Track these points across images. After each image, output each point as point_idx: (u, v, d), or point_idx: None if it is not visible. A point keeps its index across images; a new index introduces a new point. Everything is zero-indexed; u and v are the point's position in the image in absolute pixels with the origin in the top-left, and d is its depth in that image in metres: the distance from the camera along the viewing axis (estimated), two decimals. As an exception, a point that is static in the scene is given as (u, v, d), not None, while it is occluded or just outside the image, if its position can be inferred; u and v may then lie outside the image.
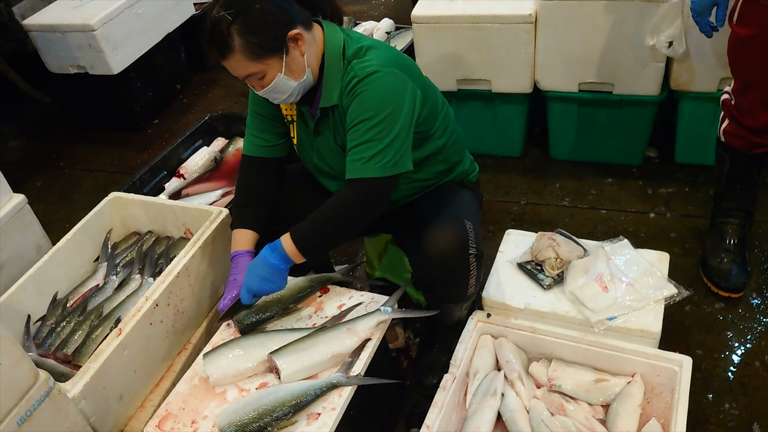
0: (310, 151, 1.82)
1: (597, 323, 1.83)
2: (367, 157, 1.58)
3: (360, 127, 1.59)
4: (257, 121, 1.85)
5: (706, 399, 1.90)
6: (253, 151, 1.88)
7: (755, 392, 1.91)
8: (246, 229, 1.85)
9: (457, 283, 1.73)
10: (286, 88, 1.63)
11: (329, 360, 1.62)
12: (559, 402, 1.78)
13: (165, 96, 3.83)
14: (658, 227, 2.49)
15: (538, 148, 2.99)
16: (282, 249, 1.66)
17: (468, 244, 1.69)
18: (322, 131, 1.75)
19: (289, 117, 1.81)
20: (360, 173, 1.59)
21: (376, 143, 1.57)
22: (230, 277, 1.79)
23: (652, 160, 2.82)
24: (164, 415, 1.59)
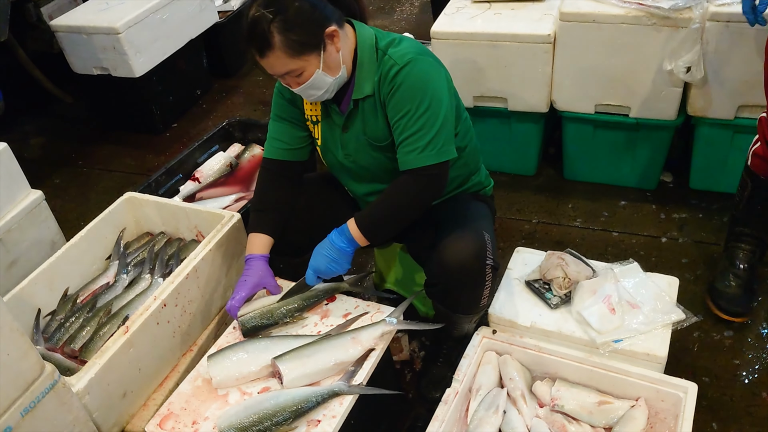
0: (336, 149, 1.84)
1: (603, 345, 1.82)
2: (422, 147, 1.63)
3: (409, 116, 1.63)
4: (279, 126, 1.88)
5: (711, 427, 1.88)
6: (274, 154, 1.90)
7: (762, 423, 1.88)
8: (262, 234, 1.86)
9: (471, 292, 1.74)
10: (322, 84, 1.66)
11: (332, 368, 1.62)
12: (561, 422, 1.77)
13: (185, 101, 3.88)
14: (669, 252, 2.48)
15: (553, 168, 2.99)
16: (349, 233, 1.71)
17: (486, 255, 1.70)
18: (351, 126, 1.78)
19: (313, 117, 1.83)
20: (418, 163, 1.64)
21: (426, 131, 1.62)
22: (241, 278, 1.80)
23: (667, 184, 2.81)
24: (166, 414, 1.60)
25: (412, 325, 1.75)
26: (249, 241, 1.88)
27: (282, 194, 1.92)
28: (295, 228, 1.95)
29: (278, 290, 1.86)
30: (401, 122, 1.65)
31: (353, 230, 1.71)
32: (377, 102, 1.72)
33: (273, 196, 1.91)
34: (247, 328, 1.74)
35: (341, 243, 1.71)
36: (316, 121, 1.85)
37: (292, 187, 1.94)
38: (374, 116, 1.74)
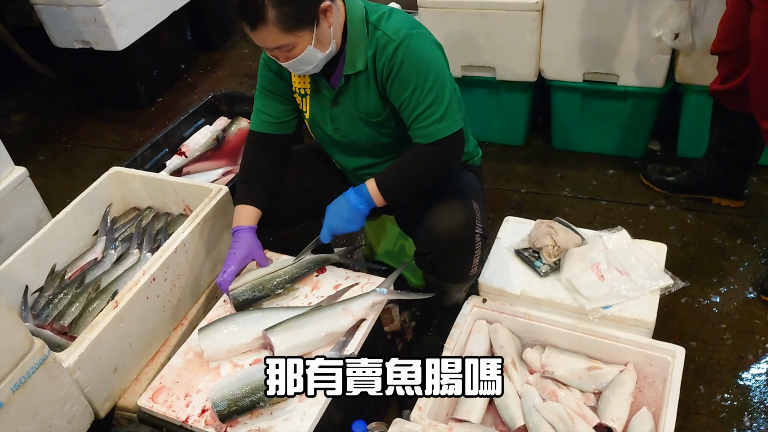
0: (325, 124, 1.82)
1: (592, 311, 1.83)
2: (439, 118, 1.62)
3: (417, 94, 1.61)
4: (265, 98, 1.85)
5: (698, 390, 1.91)
6: (260, 127, 1.88)
7: (746, 384, 1.91)
8: (249, 206, 1.85)
9: (460, 262, 1.75)
10: (313, 59, 1.64)
11: (323, 338, 1.63)
12: (551, 388, 1.79)
13: (169, 74, 3.83)
14: (657, 219, 2.49)
15: (541, 137, 2.98)
16: (367, 193, 1.70)
17: (475, 224, 1.71)
18: (342, 101, 1.76)
19: (301, 90, 1.81)
20: (441, 134, 1.63)
21: (439, 103, 1.62)
22: (230, 251, 1.79)
23: (655, 153, 2.81)
24: (158, 387, 1.60)
25: (402, 295, 1.75)
26: (236, 212, 1.86)
27: (269, 166, 1.90)
28: (282, 201, 1.94)
29: (267, 262, 1.86)
30: (411, 99, 1.63)
31: (372, 190, 1.70)
32: (371, 78, 1.69)
33: (260, 168, 1.90)
34: (239, 302, 1.73)
35: (359, 204, 1.71)
36: (304, 94, 1.82)
37: (278, 159, 1.92)
38: (367, 92, 1.72)
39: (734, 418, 1.83)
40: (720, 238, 2.38)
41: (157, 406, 1.56)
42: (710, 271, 2.26)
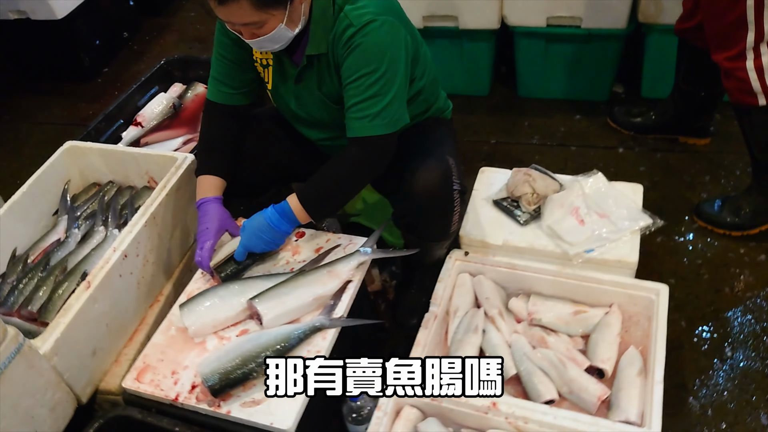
0: (288, 97, 1.74)
1: (575, 256, 1.83)
2: (372, 114, 1.52)
3: (362, 81, 1.52)
4: (223, 66, 1.75)
5: (680, 326, 1.94)
6: (218, 97, 1.79)
7: (725, 316, 1.96)
8: (212, 176, 1.77)
9: (440, 220, 1.71)
10: (282, 38, 1.54)
11: (311, 303, 1.58)
12: (540, 335, 1.79)
13: (113, 43, 3.64)
14: (627, 162, 2.51)
15: (506, 86, 2.95)
16: (291, 213, 1.62)
17: (452, 180, 1.67)
18: (305, 80, 1.67)
19: (263, 60, 1.71)
20: (367, 131, 1.54)
21: (379, 98, 1.52)
22: (200, 227, 1.72)
23: (619, 95, 2.82)
24: (142, 367, 1.54)
25: (386, 253, 1.72)
26: (199, 184, 1.78)
27: (229, 135, 1.82)
28: (250, 167, 1.87)
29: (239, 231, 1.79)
30: (353, 86, 1.53)
31: (296, 209, 1.61)
32: (331, 62, 1.60)
33: (220, 137, 1.81)
34: (226, 274, 1.68)
35: (281, 226, 1.63)
36: (266, 65, 1.73)
37: (239, 127, 1.84)
38: (329, 76, 1.63)
39: (716, 350, 1.87)
40: (689, 175, 2.41)
41: (143, 386, 1.50)
42: (682, 209, 2.28)
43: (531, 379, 1.69)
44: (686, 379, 1.81)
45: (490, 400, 1.54)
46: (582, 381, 1.65)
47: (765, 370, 1.81)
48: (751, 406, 1.73)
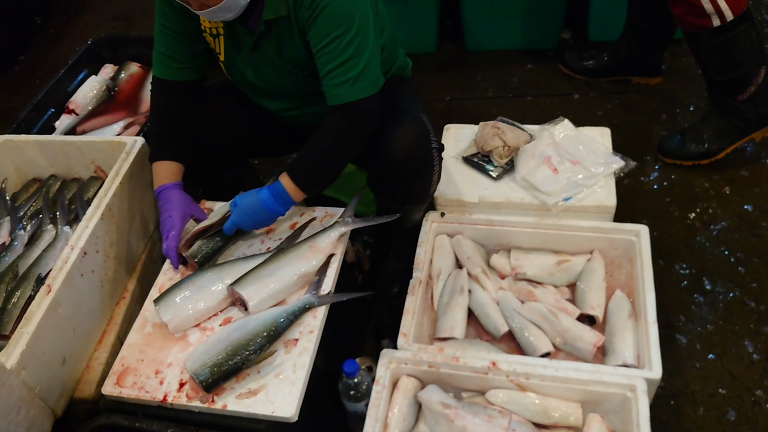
0: (244, 68, 1.61)
1: (553, 206, 1.81)
2: (353, 78, 1.43)
3: (335, 45, 1.41)
4: (168, 39, 1.61)
5: (658, 265, 1.95)
6: (165, 73, 1.65)
7: (700, 250, 1.98)
8: (169, 161, 1.65)
9: (421, 180, 1.64)
10: (235, 6, 1.42)
11: (296, 282, 1.50)
12: (526, 289, 1.77)
13: (26, 29, 3.37)
14: (584, 107, 2.50)
15: (453, 41, 2.89)
16: (286, 194, 1.52)
17: (429, 138, 1.60)
18: (263, 47, 1.55)
19: (213, 30, 1.58)
20: (350, 96, 1.45)
21: (356, 60, 1.43)
22: (163, 215, 1.60)
23: (567, 41, 2.80)
24: (122, 370, 1.42)
25: (367, 222, 1.64)
26: (155, 170, 1.66)
27: (182, 114, 1.69)
28: (206, 147, 1.75)
29: (205, 215, 1.68)
30: (326, 51, 1.43)
31: (289, 188, 1.52)
32: (293, 25, 1.48)
33: (172, 118, 1.68)
34: (201, 259, 1.57)
35: (277, 208, 1.54)
36: (216, 34, 1.59)
37: (192, 105, 1.71)
38: (291, 40, 1.51)
39: (695, 284, 1.90)
40: (646, 115, 2.43)
41: (126, 390, 1.39)
42: (644, 150, 2.29)
43: (524, 334, 1.66)
44: (671, 317, 1.82)
45: (490, 360, 1.51)
46: (575, 330, 1.64)
47: (744, 298, 1.84)
48: (736, 335, 1.77)
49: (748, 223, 2.03)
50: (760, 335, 1.75)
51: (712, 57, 2.02)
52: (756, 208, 2.06)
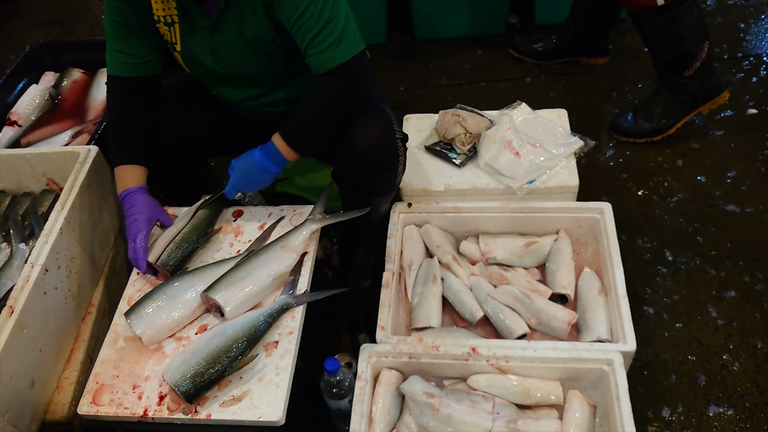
0: (203, 55, 1.57)
1: (518, 189, 1.82)
2: (335, 41, 1.40)
3: (310, 13, 1.38)
4: (120, 34, 1.55)
5: (621, 240, 1.98)
6: (120, 70, 1.59)
7: (659, 223, 2.04)
8: (132, 165, 1.60)
9: (387, 171, 1.63)
10: None
11: (271, 283, 1.47)
12: (498, 273, 1.79)
13: (-47, 38, 3.20)
14: (537, 90, 2.53)
15: (402, 31, 2.88)
16: (279, 153, 1.48)
17: (393, 128, 1.59)
18: (222, 28, 1.50)
19: (167, 18, 1.53)
20: (337, 60, 1.41)
21: (335, 22, 1.39)
22: (128, 219, 1.55)
23: (515, 26, 2.83)
24: (97, 388, 1.37)
25: (337, 218, 1.62)
26: (118, 175, 1.60)
27: (141, 116, 1.63)
28: (168, 150, 1.70)
29: (171, 220, 1.63)
30: (302, 20, 1.39)
31: (282, 147, 1.49)
32: (257, 0, 1.46)
33: (131, 119, 1.62)
34: (172, 267, 1.53)
35: (270, 166, 1.50)
36: (170, 22, 1.54)
37: (150, 104, 1.65)
38: (254, 16, 1.47)
39: (658, 257, 1.95)
40: (597, 95, 2.48)
41: (103, 408, 1.34)
42: (598, 128, 2.35)
43: (500, 318, 1.68)
44: (638, 289, 1.87)
45: (469, 346, 1.52)
46: (549, 310, 1.66)
47: (704, 266, 1.91)
48: (700, 302, 1.83)
49: (702, 193, 2.10)
50: (722, 301, 1.82)
51: (657, 35, 2.07)
52: (709, 179, 2.13)
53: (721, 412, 1.60)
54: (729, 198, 2.07)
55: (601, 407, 1.48)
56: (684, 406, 1.63)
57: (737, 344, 1.72)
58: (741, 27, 2.69)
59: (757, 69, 2.49)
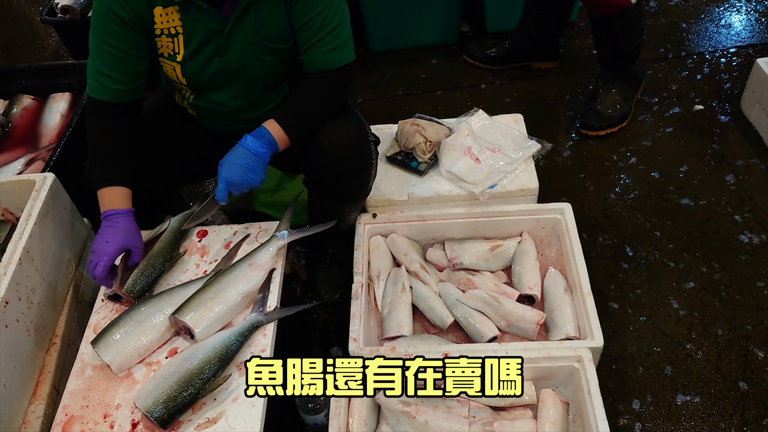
0: (210, 59, 1.54)
1: (480, 194, 1.85)
2: (342, 44, 1.53)
3: (325, 13, 1.48)
4: (110, 57, 1.49)
5: (582, 239, 2.02)
6: (107, 95, 1.53)
7: (618, 220, 2.09)
8: (117, 186, 1.54)
9: (360, 175, 1.66)
10: None
11: (240, 302, 1.46)
12: (465, 278, 1.81)
13: None
14: (492, 96, 2.58)
15: (357, 44, 2.85)
16: (269, 135, 1.50)
17: (367, 132, 1.62)
18: (238, 30, 1.50)
19: (171, 30, 1.49)
20: (342, 60, 1.54)
21: (342, 27, 1.52)
22: (100, 238, 1.50)
23: (466, 34, 2.88)
24: (66, 420, 1.34)
25: (304, 232, 1.62)
26: (102, 197, 1.54)
27: (124, 139, 1.58)
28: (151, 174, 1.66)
29: (141, 256, 1.57)
30: (317, 19, 1.48)
31: (274, 130, 1.51)
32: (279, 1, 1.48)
33: (115, 140, 1.57)
34: (137, 292, 1.51)
35: (260, 148, 1.49)
36: (174, 33, 1.51)
37: (132, 129, 1.60)
38: (273, 16, 1.50)
39: (619, 253, 2.00)
40: (550, 98, 2.53)
41: (74, 440, 1.31)
42: (553, 131, 2.40)
43: (470, 322, 1.70)
44: (601, 286, 1.91)
45: (442, 352, 1.53)
46: (518, 311, 1.69)
47: (663, 259, 1.96)
48: (661, 295, 1.88)
49: (657, 189, 2.16)
50: (682, 292, 1.87)
51: (628, 31, 2.19)
52: (662, 174, 2.20)
53: (688, 401, 1.65)
54: (683, 192, 2.14)
55: (574, 404, 1.51)
56: (653, 397, 1.66)
57: (699, 333, 1.77)
58: (683, 27, 2.79)
59: (700, 66, 2.58)
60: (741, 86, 2.38)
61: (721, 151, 2.24)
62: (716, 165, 2.20)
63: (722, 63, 2.59)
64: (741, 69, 2.53)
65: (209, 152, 1.71)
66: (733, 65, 2.57)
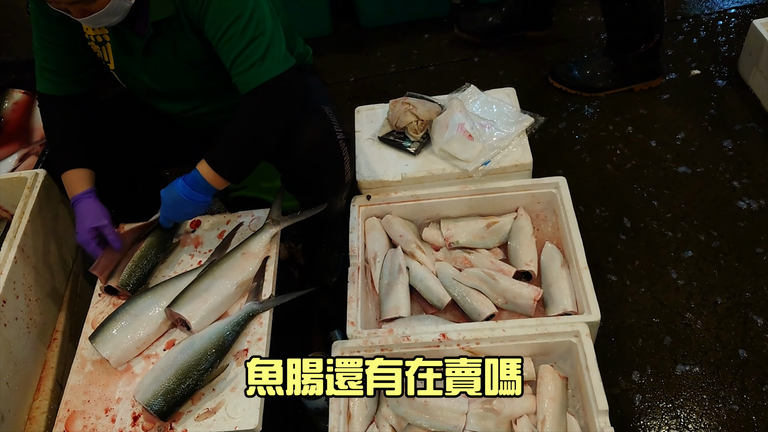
0: (138, 73, 1.54)
1: (475, 171, 1.84)
2: (259, 59, 1.37)
3: (232, 31, 1.36)
4: (49, 51, 1.52)
5: (579, 211, 2.02)
6: (50, 88, 1.56)
7: (614, 191, 2.08)
8: (76, 169, 1.56)
9: (332, 173, 1.64)
10: (119, 9, 1.35)
11: (235, 292, 1.47)
12: (462, 256, 1.80)
13: None
14: (486, 69, 2.54)
15: (347, 21, 2.86)
16: (204, 182, 1.42)
17: (334, 130, 1.58)
18: (156, 50, 1.48)
19: (98, 37, 1.49)
20: (261, 78, 1.38)
21: (258, 41, 1.37)
22: (77, 227, 1.53)
23: (458, 6, 2.83)
24: (68, 415, 1.36)
25: (295, 218, 1.62)
26: (66, 181, 1.57)
27: (78, 125, 1.60)
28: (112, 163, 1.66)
29: (118, 240, 1.56)
30: (225, 39, 1.37)
31: (208, 176, 1.42)
32: (185, 23, 1.43)
33: (69, 127, 1.59)
34: (133, 286, 1.52)
35: (198, 197, 1.44)
36: (102, 41, 1.51)
37: (85, 117, 1.61)
38: (184, 39, 1.45)
39: (617, 225, 1.99)
40: (544, 69, 2.50)
41: (77, 435, 1.33)
42: (546, 103, 2.37)
43: (467, 300, 1.70)
44: (599, 259, 1.91)
45: (439, 331, 1.54)
46: (515, 288, 1.68)
47: (661, 229, 1.95)
48: (660, 265, 1.87)
49: (653, 157, 2.14)
50: (680, 261, 1.87)
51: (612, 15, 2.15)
52: (659, 143, 2.17)
53: (687, 370, 1.65)
54: (680, 160, 2.12)
55: (573, 378, 1.52)
56: (652, 368, 1.67)
57: (698, 302, 1.77)
58: (679, -11, 2.74)
59: (696, 30, 2.54)
60: (739, 49, 2.34)
61: (719, 117, 2.21)
62: (714, 131, 2.18)
63: (719, 25, 2.54)
64: (738, 31, 2.49)
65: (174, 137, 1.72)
66: (730, 27, 2.52)
